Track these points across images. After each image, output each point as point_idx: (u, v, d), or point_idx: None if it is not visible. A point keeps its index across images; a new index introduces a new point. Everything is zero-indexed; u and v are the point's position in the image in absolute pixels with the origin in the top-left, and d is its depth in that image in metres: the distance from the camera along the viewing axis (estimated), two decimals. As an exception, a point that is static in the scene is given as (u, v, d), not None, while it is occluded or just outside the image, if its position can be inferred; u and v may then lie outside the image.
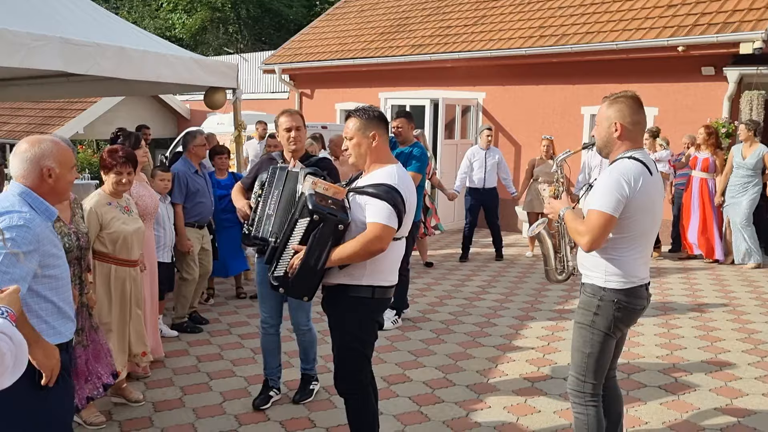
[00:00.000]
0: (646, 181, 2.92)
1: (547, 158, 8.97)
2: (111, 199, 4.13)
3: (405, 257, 5.99)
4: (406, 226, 3.18)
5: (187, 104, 18.01)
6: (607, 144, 3.06)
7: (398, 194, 3.07)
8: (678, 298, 7.10)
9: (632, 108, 2.99)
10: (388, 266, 3.19)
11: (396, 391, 4.57)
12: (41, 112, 16.61)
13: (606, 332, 3.04)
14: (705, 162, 8.83)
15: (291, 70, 14.54)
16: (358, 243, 3.03)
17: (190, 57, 6.53)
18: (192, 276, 5.86)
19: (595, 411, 3.10)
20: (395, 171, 3.16)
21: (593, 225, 2.90)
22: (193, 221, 5.90)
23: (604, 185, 2.92)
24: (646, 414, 4.20)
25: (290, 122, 4.07)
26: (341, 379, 3.30)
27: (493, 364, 5.09)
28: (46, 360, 2.28)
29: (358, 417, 3.28)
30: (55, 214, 2.51)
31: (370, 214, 3.05)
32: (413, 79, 12.61)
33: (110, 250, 4.08)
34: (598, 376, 3.11)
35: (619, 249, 2.97)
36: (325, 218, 3.02)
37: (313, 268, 3.06)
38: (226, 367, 5.01)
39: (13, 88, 8.35)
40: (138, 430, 3.95)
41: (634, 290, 3.02)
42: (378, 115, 3.23)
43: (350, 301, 3.16)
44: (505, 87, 11.72)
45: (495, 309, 6.66)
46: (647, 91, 10.21)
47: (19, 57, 4.70)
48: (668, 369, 4.99)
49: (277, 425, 4.04)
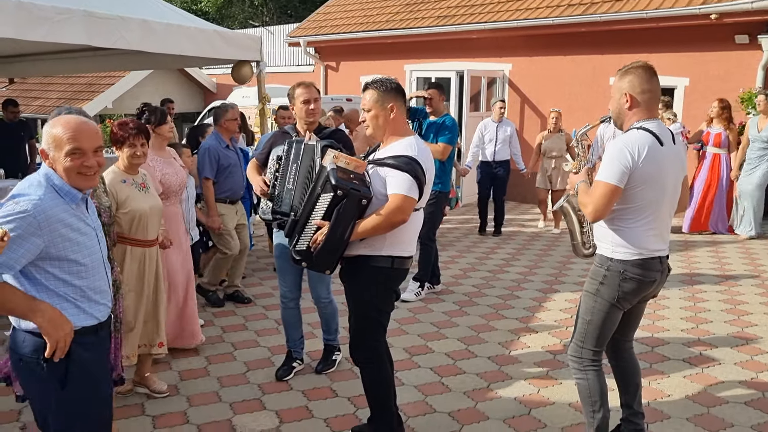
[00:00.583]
0: (653, 151, 2.90)
1: (555, 132, 8.84)
2: (126, 176, 3.91)
3: (432, 228, 6.01)
4: (424, 198, 3.19)
5: (213, 78, 18.06)
6: (619, 115, 3.07)
7: (418, 165, 3.07)
8: (705, 271, 7.00)
9: (643, 78, 2.97)
10: (408, 237, 3.22)
11: (417, 362, 4.60)
12: (70, 87, 16.80)
13: (610, 302, 3.05)
14: (717, 137, 8.65)
15: (316, 43, 14.48)
16: (381, 216, 3.05)
17: (214, 30, 6.53)
18: (232, 251, 5.74)
19: (594, 374, 3.14)
20: (414, 142, 3.15)
21: (596, 195, 2.93)
22: (225, 197, 5.73)
23: (609, 156, 2.94)
24: (669, 387, 4.18)
25: (308, 94, 4.02)
26: (357, 348, 3.34)
27: (515, 336, 5.09)
28: (52, 329, 2.25)
29: (374, 385, 3.31)
30: (78, 197, 2.40)
31: (391, 185, 3.05)
32: (438, 51, 12.48)
33: (126, 230, 3.86)
34: (599, 343, 3.14)
35: (625, 219, 2.98)
36: (348, 193, 3.01)
37: (338, 242, 3.08)
38: (250, 337, 5.08)
39: (41, 62, 8.46)
40: (165, 397, 4.04)
41: (643, 262, 3.01)
42: (395, 86, 3.20)
43: (370, 271, 3.18)
44: (531, 58, 11.54)
45: (518, 282, 6.64)
46: (678, 60, 9.98)
47: (43, 31, 4.73)
48: (693, 342, 4.95)
49: (299, 394, 4.10)
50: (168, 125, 4.68)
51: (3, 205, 2.29)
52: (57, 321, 2.27)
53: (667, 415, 3.80)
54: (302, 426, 3.71)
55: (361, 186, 3.08)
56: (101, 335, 2.53)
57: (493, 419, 3.78)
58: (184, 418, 3.79)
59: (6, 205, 2.27)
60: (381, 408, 3.31)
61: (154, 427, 3.69)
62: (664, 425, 3.69)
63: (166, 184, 4.52)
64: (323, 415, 3.83)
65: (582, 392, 3.19)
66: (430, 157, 3.20)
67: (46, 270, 2.32)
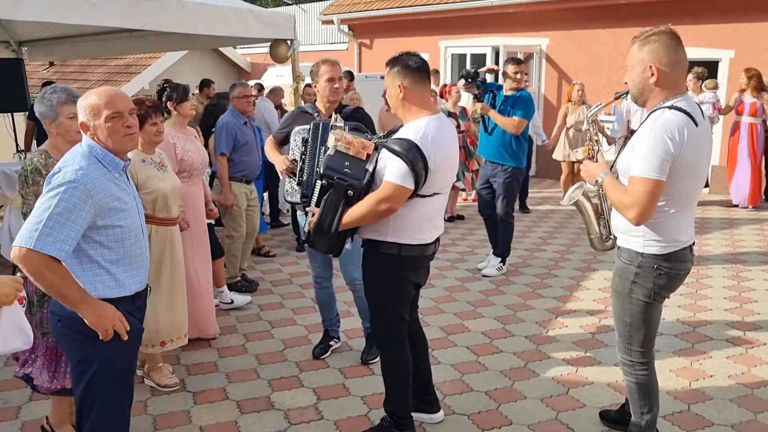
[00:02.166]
0: (691, 135, 2.56)
1: (579, 104, 8.67)
2: (144, 156, 3.81)
3: (509, 204, 5.97)
4: (438, 183, 3.02)
5: (247, 57, 18.11)
6: (643, 91, 2.70)
7: (418, 151, 2.85)
8: (750, 249, 6.82)
9: (669, 46, 2.59)
10: (414, 224, 3.02)
11: (454, 341, 4.58)
12: (108, 69, 17.02)
13: (646, 300, 2.79)
14: (753, 106, 8.51)
15: (350, 20, 14.38)
16: (366, 204, 2.92)
17: (248, 9, 6.52)
18: (239, 233, 5.66)
19: (644, 376, 2.94)
20: (424, 124, 2.94)
21: (639, 194, 2.56)
22: (240, 176, 5.64)
23: (647, 146, 2.56)
24: (712, 367, 4.09)
25: (333, 72, 3.94)
26: (375, 333, 3.33)
27: (552, 316, 5.03)
28: (97, 321, 2.36)
29: (390, 370, 3.26)
30: (120, 165, 2.50)
31: (387, 171, 2.91)
32: (474, 26, 12.29)
33: (149, 211, 3.75)
34: (645, 342, 2.90)
35: (662, 212, 2.67)
36: (333, 184, 2.94)
37: (327, 230, 2.99)
38: (287, 315, 5.13)
39: (81, 44, 8.58)
40: (204, 374, 4.11)
41: (676, 254, 2.74)
42: (408, 64, 3.01)
43: (379, 256, 3.10)
44: (569, 32, 11.28)
45: (556, 260, 6.56)
46: (723, 31, 9.66)
47: (80, 13, 4.79)
48: (736, 322, 4.83)
49: (336, 372, 4.12)
50: (189, 102, 4.57)
51: (50, 178, 2.36)
52: (100, 311, 2.36)
53: (709, 396, 3.73)
54: (339, 403, 3.74)
55: (354, 174, 2.93)
56: (137, 304, 2.61)
57: (530, 398, 3.75)
58: (224, 394, 3.85)
59: (54, 177, 2.35)
60: (397, 392, 3.25)
61: (195, 402, 3.76)
62: (706, 406, 3.62)
63: (188, 161, 4.44)
64: (360, 392, 3.85)
65: (631, 393, 3.03)
66: (440, 141, 2.94)
67: (92, 239, 2.40)
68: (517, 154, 5.92)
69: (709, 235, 7.47)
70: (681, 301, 5.26)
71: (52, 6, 4.68)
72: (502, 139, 5.93)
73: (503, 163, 5.94)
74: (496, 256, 6.14)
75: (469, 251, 6.95)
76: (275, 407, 3.70)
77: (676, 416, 3.52)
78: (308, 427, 3.49)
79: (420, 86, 3.02)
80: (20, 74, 8.16)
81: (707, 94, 8.66)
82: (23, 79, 8.20)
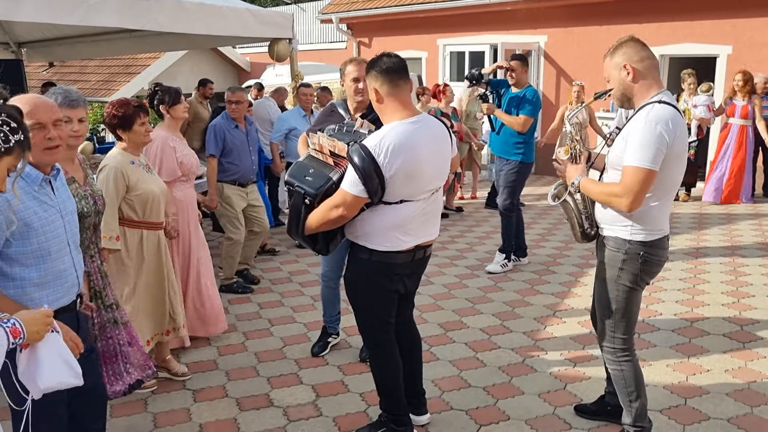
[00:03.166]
0: (680, 126, 2.73)
1: (577, 102, 8.70)
2: (133, 157, 3.73)
3: (509, 198, 6.00)
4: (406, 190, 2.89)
5: (246, 57, 18.14)
6: (625, 92, 2.87)
7: (372, 161, 2.75)
8: (748, 244, 6.84)
9: (635, 47, 2.84)
10: (379, 231, 2.95)
11: (452, 337, 4.61)
12: (108, 69, 17.05)
13: (632, 286, 2.93)
14: (744, 109, 8.63)
15: (348, 19, 14.39)
16: (321, 210, 2.92)
17: (246, 8, 6.55)
18: (237, 236, 5.62)
19: (628, 364, 3.04)
20: (387, 131, 2.84)
21: (631, 183, 2.69)
22: (233, 179, 5.61)
23: (642, 137, 2.68)
24: (708, 362, 4.11)
25: (358, 72, 3.81)
26: (362, 334, 3.36)
27: (550, 312, 5.06)
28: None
29: (378, 370, 3.28)
30: (39, 177, 2.31)
31: (344, 178, 2.87)
32: (472, 24, 12.30)
33: (139, 215, 3.70)
34: (628, 330, 3.02)
35: (649, 201, 2.79)
36: (291, 191, 3.03)
37: (298, 232, 3.05)
38: (287, 313, 5.15)
39: (80, 45, 8.61)
40: (204, 372, 4.14)
41: (659, 242, 2.89)
42: (381, 68, 2.92)
43: (356, 259, 3.09)
44: (567, 29, 11.30)
45: (554, 257, 6.59)
46: (720, 27, 9.67)
47: (78, 14, 4.81)
48: (734, 317, 4.85)
49: (335, 369, 4.15)
50: (182, 105, 4.49)
51: None
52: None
53: (705, 390, 3.75)
54: (338, 400, 3.76)
55: (314, 182, 2.95)
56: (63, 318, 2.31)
57: (528, 394, 3.78)
58: (224, 392, 3.88)
59: None
60: (387, 393, 3.26)
61: (194, 400, 3.78)
62: (703, 400, 3.65)
63: (187, 165, 4.41)
64: (359, 389, 3.88)
65: (617, 382, 3.10)
66: (407, 148, 2.81)
67: (8, 256, 2.24)
68: (522, 149, 5.95)
69: (707, 230, 7.49)
70: (678, 296, 5.28)
71: (50, 7, 4.70)
72: (506, 135, 6.00)
73: (508, 158, 6.01)
74: (501, 252, 6.17)
75: (468, 248, 6.98)
76: (274, 404, 3.72)
77: (672, 410, 3.54)
78: (307, 424, 3.51)
79: (393, 88, 2.92)
80: (20, 75, 8.19)
81: (701, 96, 8.75)
82: (23, 80, 8.23)
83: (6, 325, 1.82)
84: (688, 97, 8.89)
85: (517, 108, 5.89)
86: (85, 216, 2.81)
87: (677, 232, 7.42)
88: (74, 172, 2.88)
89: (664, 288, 5.50)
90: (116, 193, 3.60)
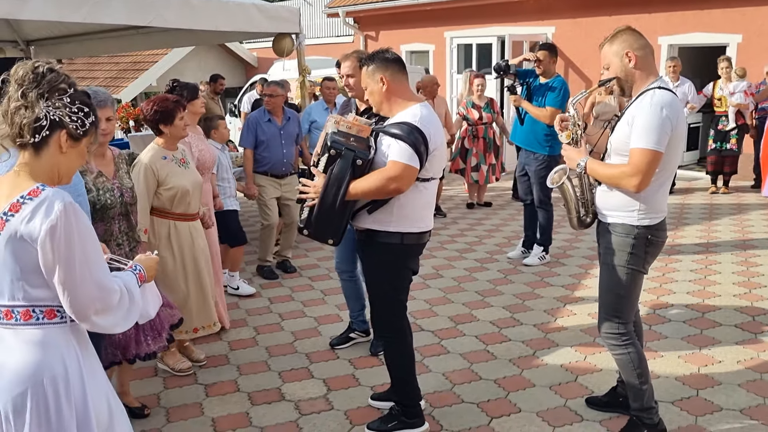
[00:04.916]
0: (681, 111, 2.85)
1: (607, 93, 8.61)
2: (166, 152, 3.88)
3: (544, 191, 5.96)
4: (435, 167, 3.08)
5: (254, 52, 18.16)
6: (627, 78, 2.93)
7: (420, 134, 2.93)
8: (760, 235, 6.80)
9: (634, 35, 2.92)
10: (417, 212, 3.09)
11: (462, 330, 4.61)
12: (116, 66, 17.11)
13: (639, 270, 2.99)
14: None
15: (355, 13, 14.39)
16: (375, 177, 2.95)
17: (252, 3, 6.53)
18: (268, 221, 5.90)
19: (634, 348, 3.06)
20: (418, 110, 3.01)
21: (641, 164, 2.76)
22: (264, 170, 5.86)
23: (647, 120, 2.76)
24: (720, 353, 4.10)
25: (347, 68, 3.85)
26: (377, 324, 3.35)
27: (560, 304, 5.05)
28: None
29: (394, 360, 3.29)
30: None
31: (392, 154, 2.94)
32: (479, 16, 12.26)
33: (168, 207, 3.86)
34: (629, 315, 3.07)
35: (654, 184, 2.85)
36: (341, 153, 2.96)
37: (332, 203, 2.97)
38: (297, 308, 5.17)
39: (88, 42, 8.63)
40: (216, 366, 4.16)
41: (661, 224, 2.98)
42: (383, 57, 3.07)
43: (380, 247, 3.11)
44: (575, 20, 11.25)
45: (564, 249, 6.57)
46: (730, 16, 9.60)
47: (84, 12, 4.82)
48: (745, 308, 4.83)
49: (345, 363, 4.16)
50: (200, 100, 4.59)
51: None
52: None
53: (717, 381, 3.74)
54: (349, 393, 3.77)
55: (359, 147, 2.99)
56: None
57: (539, 386, 3.78)
58: (235, 386, 3.90)
59: None
60: (403, 383, 3.28)
61: (206, 395, 3.80)
62: (715, 391, 3.63)
63: (201, 159, 4.50)
64: (369, 382, 3.89)
65: (626, 366, 3.10)
66: (435, 125, 3.03)
67: None
68: (549, 142, 5.85)
69: (718, 221, 7.45)
70: (689, 288, 5.26)
71: (56, 4, 4.72)
72: (534, 127, 5.91)
73: (536, 152, 5.94)
74: (539, 246, 6.13)
75: (477, 241, 6.97)
76: (286, 398, 3.74)
77: (684, 402, 3.53)
78: (318, 417, 3.53)
79: (401, 77, 3.08)
80: (28, 73, 8.20)
81: (738, 83, 8.47)
82: (32, 78, 8.25)
83: (135, 272, 2.10)
84: (724, 84, 8.57)
85: (544, 98, 5.79)
86: (109, 207, 3.14)
87: (687, 222, 7.38)
88: (103, 167, 3.18)
89: (675, 279, 5.48)
90: (146, 189, 3.77)
